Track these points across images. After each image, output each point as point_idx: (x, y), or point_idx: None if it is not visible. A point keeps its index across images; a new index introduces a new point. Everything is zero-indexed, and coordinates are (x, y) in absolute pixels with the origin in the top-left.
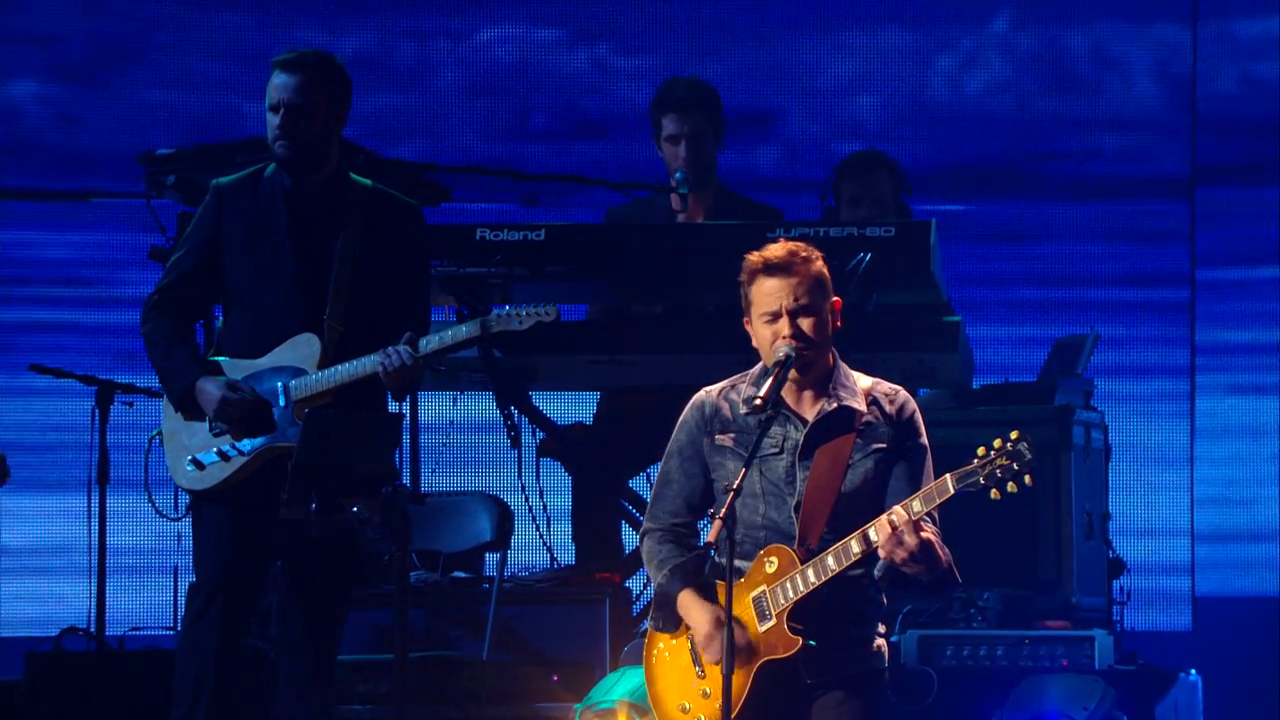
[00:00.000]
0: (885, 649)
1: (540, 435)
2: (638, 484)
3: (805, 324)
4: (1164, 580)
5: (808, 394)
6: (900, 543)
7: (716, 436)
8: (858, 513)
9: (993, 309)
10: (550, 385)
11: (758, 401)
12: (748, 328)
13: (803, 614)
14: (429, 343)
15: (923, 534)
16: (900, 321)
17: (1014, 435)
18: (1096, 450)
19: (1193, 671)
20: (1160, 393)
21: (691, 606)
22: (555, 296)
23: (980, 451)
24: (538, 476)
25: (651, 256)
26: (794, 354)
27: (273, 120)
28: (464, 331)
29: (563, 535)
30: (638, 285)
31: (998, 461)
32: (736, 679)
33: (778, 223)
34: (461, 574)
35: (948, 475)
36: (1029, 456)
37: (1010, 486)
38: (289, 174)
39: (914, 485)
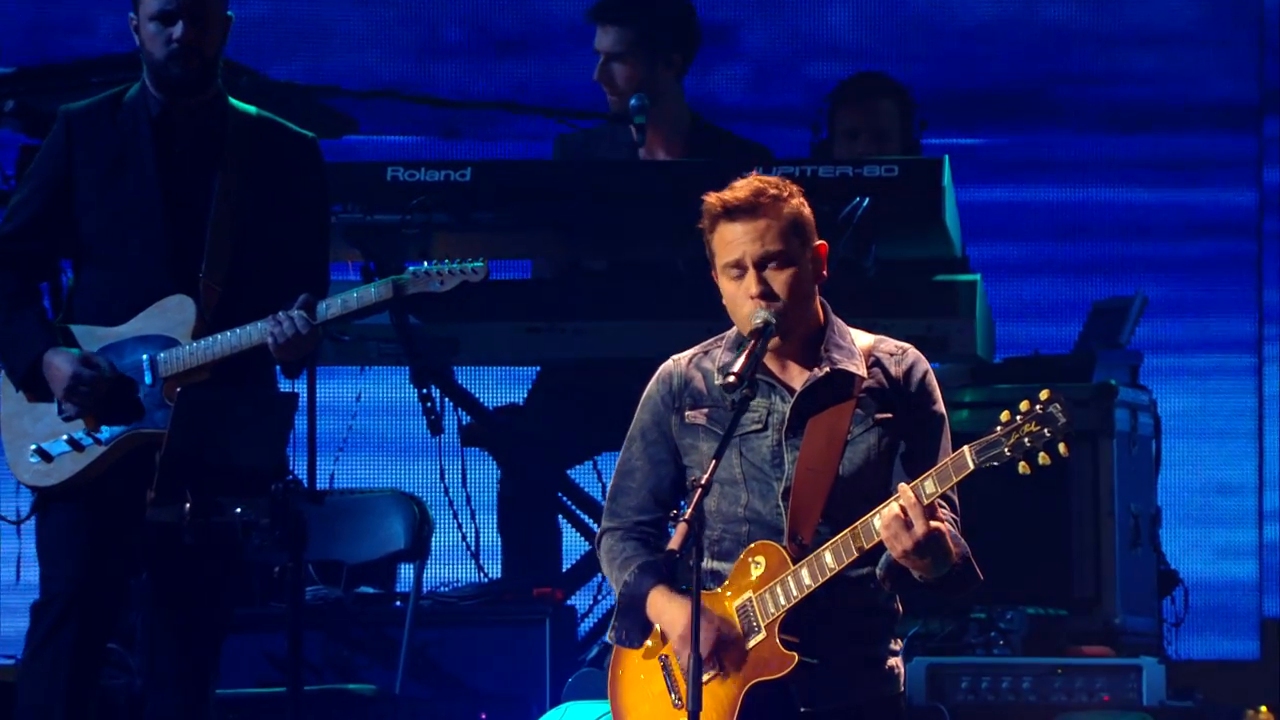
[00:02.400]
0: (900, 671)
1: (465, 420)
2: (584, 478)
3: (777, 279)
4: (1227, 598)
5: (794, 358)
6: (906, 531)
7: (687, 413)
8: (860, 498)
9: (1017, 266)
10: (478, 359)
11: (730, 378)
12: (718, 284)
13: (798, 625)
14: (329, 307)
15: (933, 523)
16: (905, 281)
17: (1044, 395)
18: (1144, 438)
19: (1263, 710)
20: (1222, 368)
21: (666, 604)
22: (485, 250)
23: (1004, 417)
24: (462, 470)
25: (604, 201)
26: (774, 321)
27: (161, 32)
28: (372, 293)
29: (492, 541)
30: (587, 236)
31: (1026, 428)
32: (721, 704)
33: (762, 161)
34: (369, 589)
35: (966, 448)
36: (1064, 420)
37: (1042, 458)
38: (166, 97)
39: (929, 462)
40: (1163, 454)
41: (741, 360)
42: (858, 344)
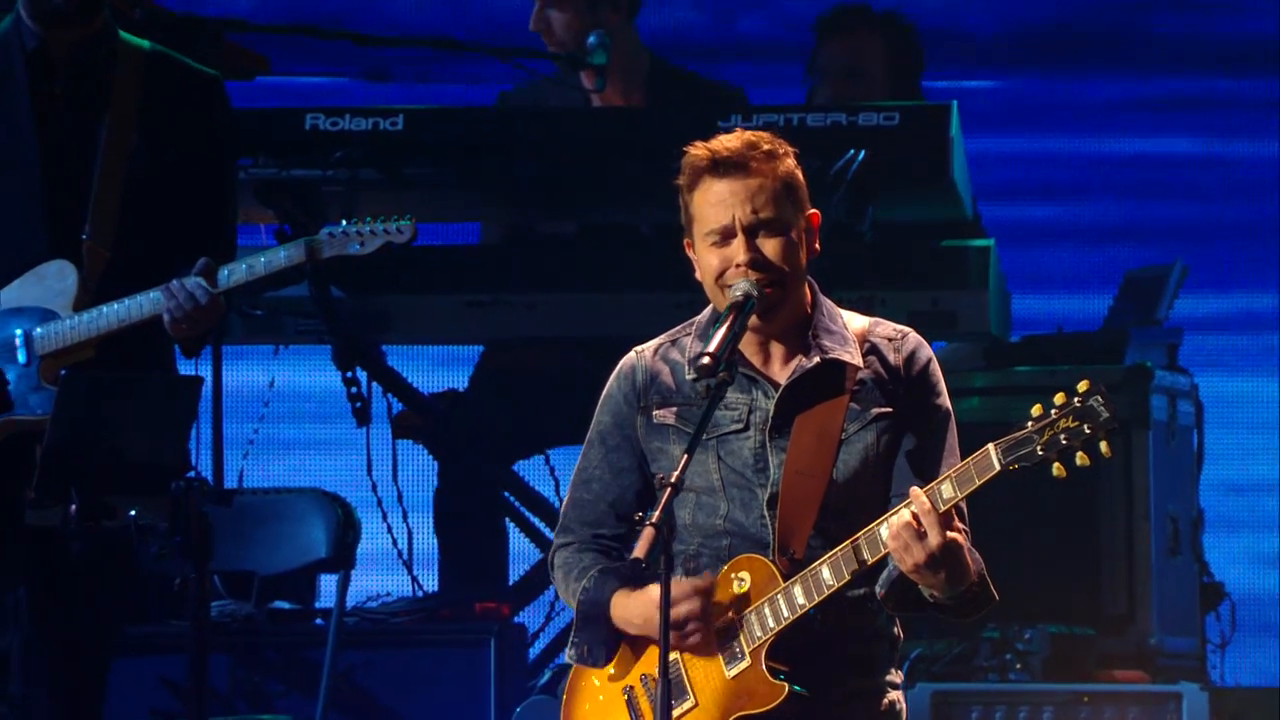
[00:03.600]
0: (902, 707)
1: (397, 407)
2: (536, 475)
3: (769, 247)
4: None
5: (778, 346)
6: (918, 541)
7: (654, 413)
8: (857, 506)
9: (1037, 229)
10: (412, 337)
11: (706, 360)
12: (690, 254)
13: (788, 650)
14: (232, 274)
15: (949, 533)
16: (907, 247)
17: (1083, 386)
18: (1185, 428)
19: None
20: (1277, 348)
21: (629, 604)
22: (420, 211)
23: (1035, 411)
24: (394, 466)
25: (557, 154)
26: (756, 293)
27: None
28: (282, 257)
29: (429, 549)
30: (538, 195)
31: (1061, 423)
32: None
33: (736, 107)
34: (285, 604)
35: (991, 446)
36: (1106, 414)
37: (1080, 458)
38: (43, 30)
39: (932, 464)
40: (1206, 447)
41: (718, 337)
42: (850, 328)
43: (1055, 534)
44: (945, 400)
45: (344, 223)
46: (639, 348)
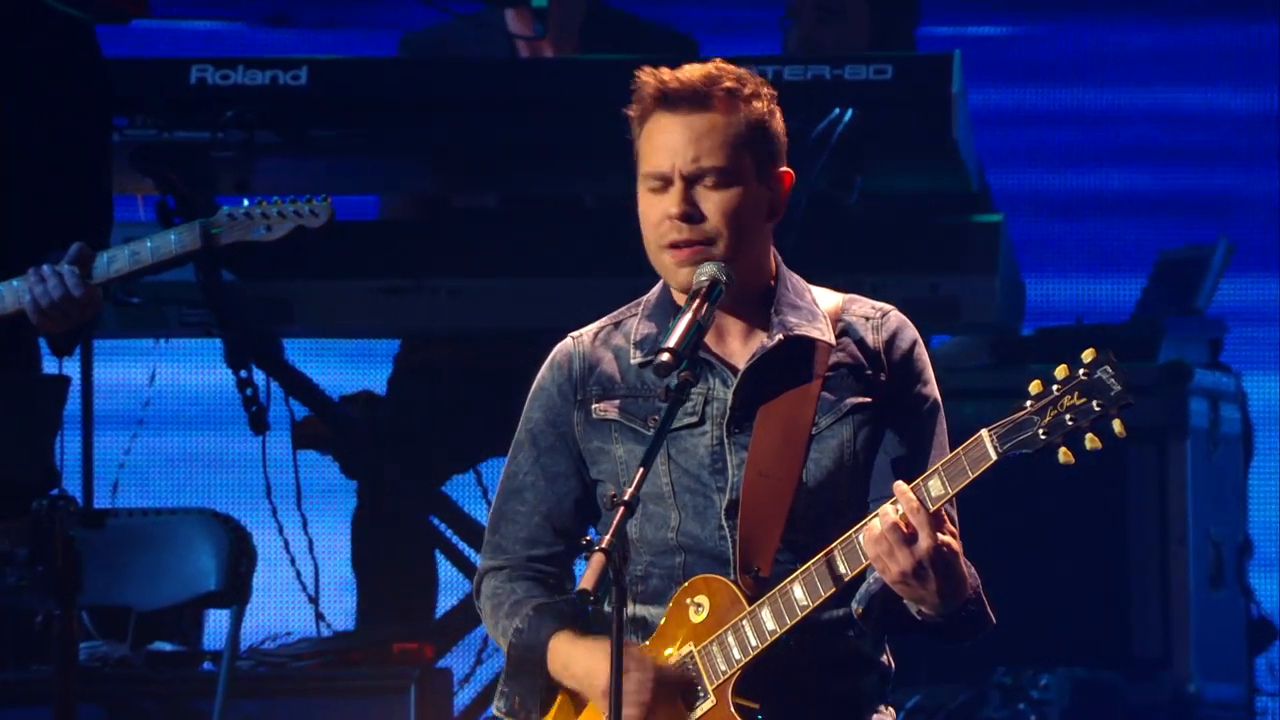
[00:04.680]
0: None
1: (301, 413)
2: (465, 493)
3: (710, 200)
4: None
5: (735, 324)
6: (905, 547)
7: (594, 406)
8: (831, 513)
9: (1055, 202)
10: (318, 329)
11: (665, 357)
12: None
13: (760, 685)
14: (112, 260)
15: (942, 537)
16: (901, 223)
17: (1088, 355)
18: (1230, 437)
19: None
20: None
21: (576, 651)
22: (327, 181)
23: (1034, 388)
24: (297, 483)
25: (483, 114)
26: (726, 278)
27: None
28: (173, 243)
29: (340, 580)
30: (464, 162)
31: (1066, 402)
32: None
33: (690, 57)
34: (168, 646)
35: (985, 431)
36: (1118, 386)
37: (1089, 440)
38: None
39: (919, 463)
40: (1255, 460)
41: (679, 329)
42: (821, 305)
43: (1076, 560)
44: (933, 389)
45: (246, 202)
46: (575, 333)
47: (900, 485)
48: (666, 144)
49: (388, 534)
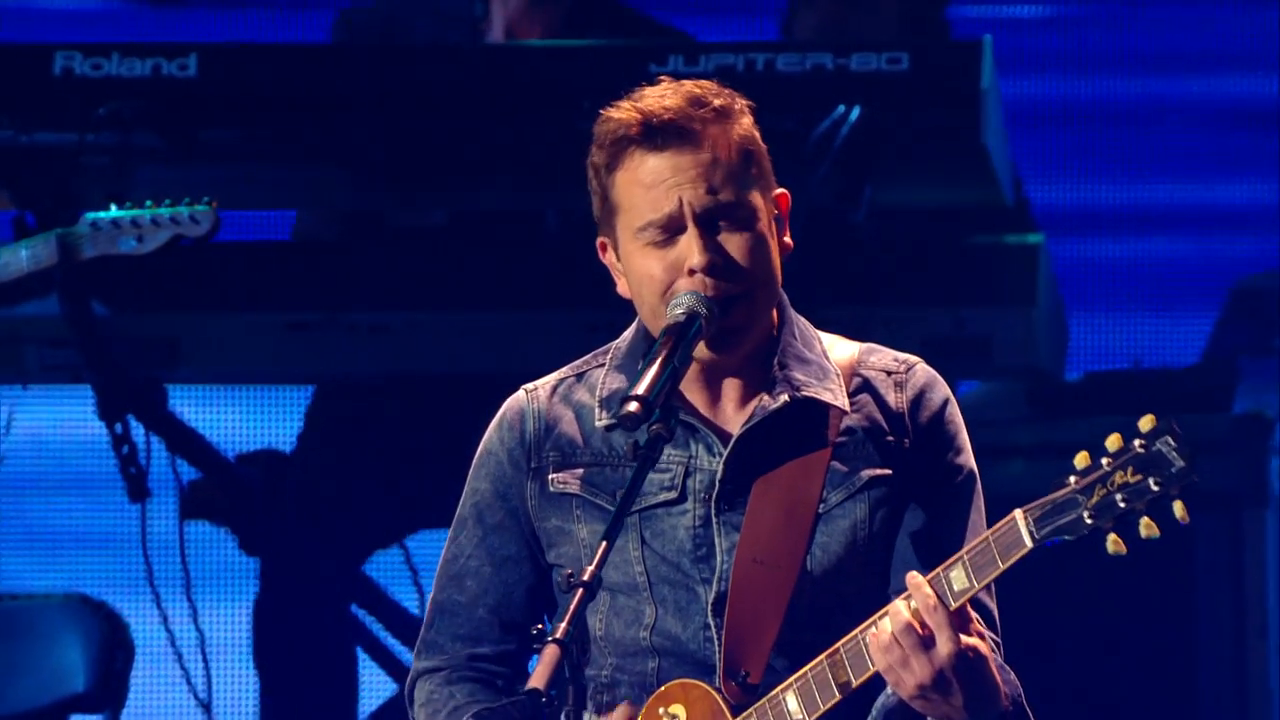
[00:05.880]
0: None
1: (190, 475)
2: (391, 574)
3: (734, 243)
4: None
5: (731, 381)
6: (921, 653)
7: (551, 477)
8: (841, 610)
9: (1106, 219)
10: (210, 373)
11: (634, 407)
12: (606, 260)
13: None
14: None
15: (966, 639)
16: (919, 245)
17: (1146, 423)
18: None
19: None
20: None
21: None
22: (219, 191)
23: (1080, 461)
24: (184, 560)
25: (424, 111)
26: (705, 310)
27: None
28: (27, 259)
29: (237, 681)
30: (395, 170)
31: (1118, 479)
32: None
33: (677, 46)
34: None
35: (1018, 513)
36: (1181, 463)
37: (1145, 527)
38: None
39: (951, 545)
40: None
41: (650, 374)
42: (833, 357)
43: (1134, 656)
44: (968, 459)
45: (113, 208)
46: (530, 385)
47: (915, 577)
48: (666, 185)
49: (296, 625)
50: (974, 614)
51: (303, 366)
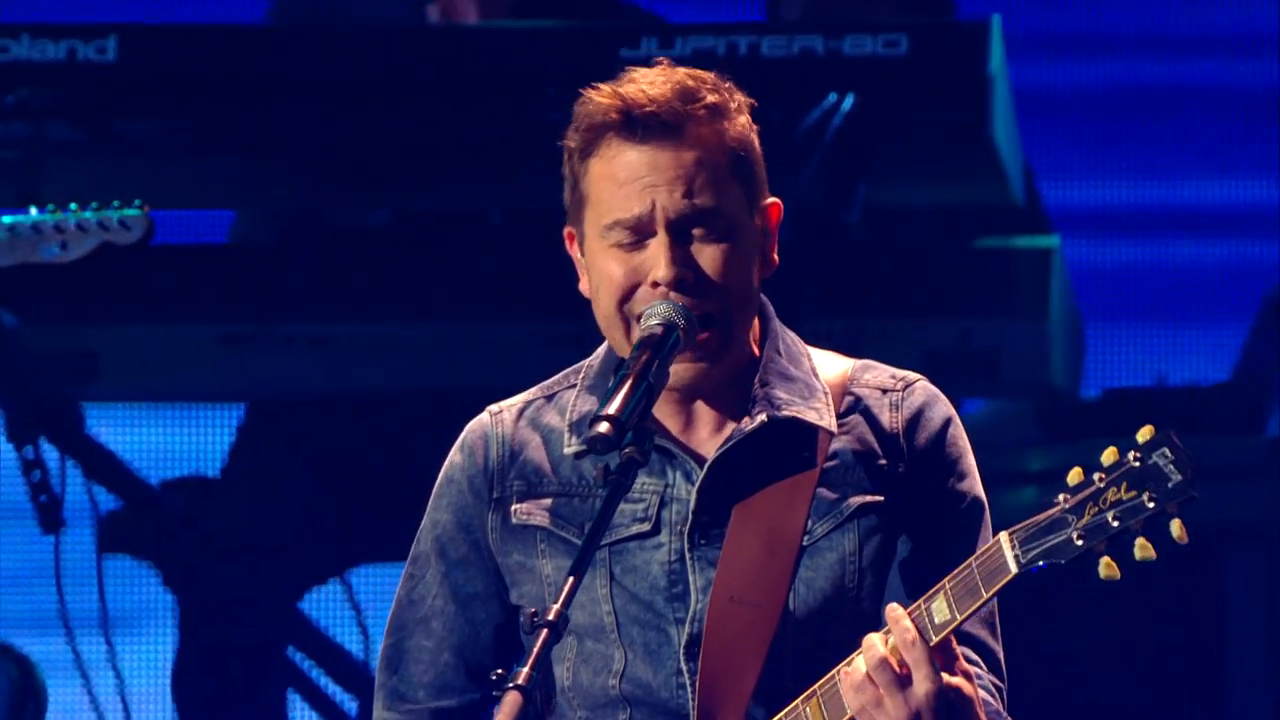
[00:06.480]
0: None
1: (109, 505)
2: (327, 611)
3: (707, 255)
4: None
5: (709, 402)
6: (896, 692)
7: (515, 508)
8: (828, 652)
9: (1129, 221)
10: (131, 390)
11: (604, 428)
12: (573, 252)
13: None
14: None
15: (948, 678)
16: (920, 249)
17: (1144, 434)
18: None
19: None
20: None
21: None
22: (145, 194)
23: (1073, 477)
24: (102, 599)
25: (366, 100)
26: (687, 322)
27: None
28: None
29: None
30: (335, 166)
31: (1110, 495)
32: None
33: (651, 28)
34: None
35: (1004, 535)
36: (1178, 477)
37: (1140, 549)
38: None
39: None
40: None
41: (622, 393)
42: (823, 374)
43: (1165, 689)
44: (974, 484)
45: (34, 211)
46: (495, 407)
47: (894, 609)
48: (640, 182)
49: (225, 670)
50: (963, 651)
51: (234, 383)
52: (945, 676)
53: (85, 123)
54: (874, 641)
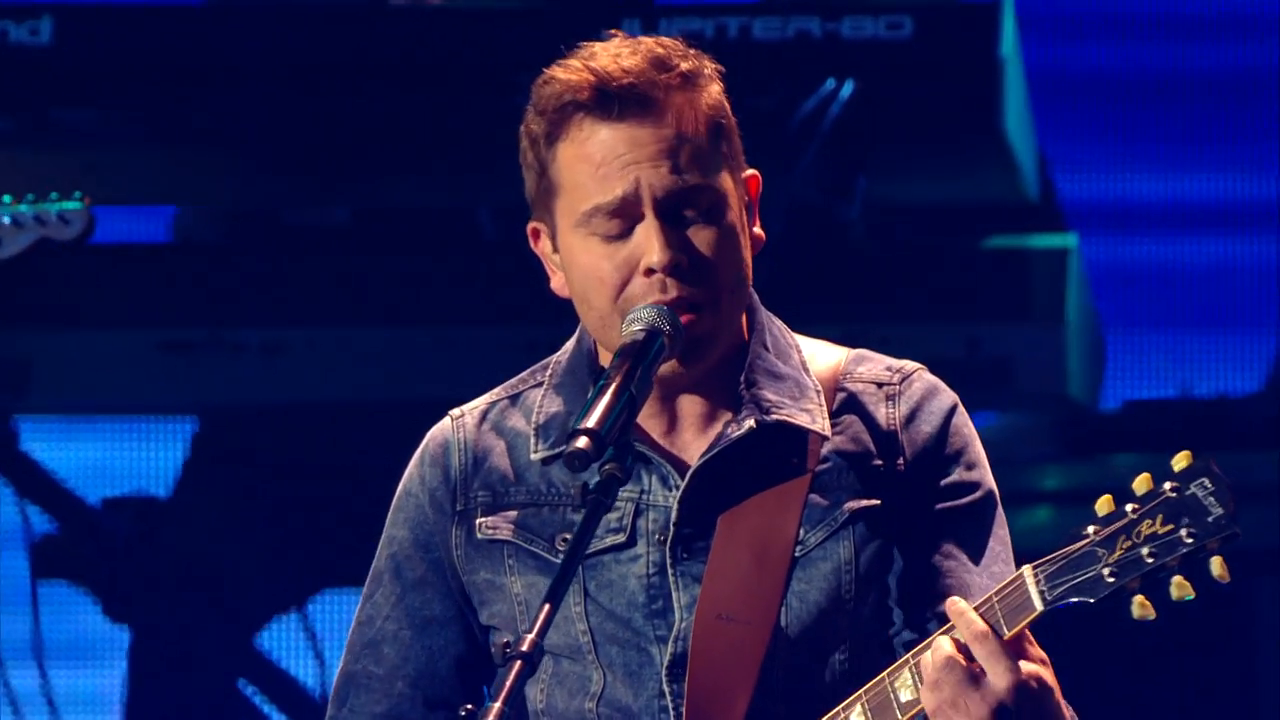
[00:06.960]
0: None
1: (43, 528)
2: (283, 642)
3: (701, 238)
4: None
5: (691, 402)
6: (970, 688)
7: (479, 521)
8: (822, 668)
9: (1152, 218)
10: (68, 403)
11: (583, 443)
12: (538, 250)
13: None
14: None
15: (1028, 668)
16: (924, 247)
17: (1180, 461)
18: None
19: None
20: None
21: None
22: (83, 187)
23: (1102, 506)
24: (36, 629)
25: (325, 88)
26: (672, 327)
27: None
28: None
29: None
30: (292, 159)
31: (1144, 528)
32: None
33: (634, 7)
34: None
35: (1026, 570)
36: (1219, 510)
37: (1176, 588)
38: None
39: (967, 577)
40: None
41: (603, 404)
42: (814, 368)
43: None
44: (982, 474)
45: None
46: (456, 411)
47: (956, 603)
48: (620, 157)
49: (172, 705)
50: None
51: (180, 394)
52: (1025, 665)
53: (17, 110)
54: (940, 642)
